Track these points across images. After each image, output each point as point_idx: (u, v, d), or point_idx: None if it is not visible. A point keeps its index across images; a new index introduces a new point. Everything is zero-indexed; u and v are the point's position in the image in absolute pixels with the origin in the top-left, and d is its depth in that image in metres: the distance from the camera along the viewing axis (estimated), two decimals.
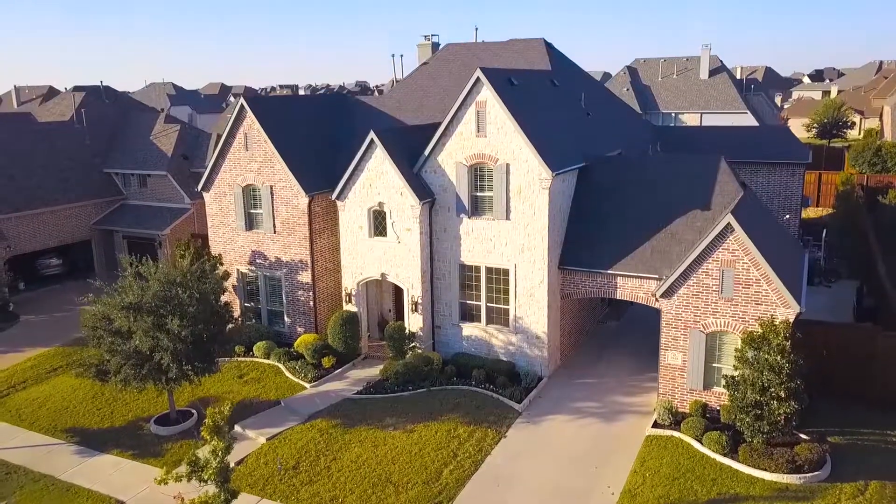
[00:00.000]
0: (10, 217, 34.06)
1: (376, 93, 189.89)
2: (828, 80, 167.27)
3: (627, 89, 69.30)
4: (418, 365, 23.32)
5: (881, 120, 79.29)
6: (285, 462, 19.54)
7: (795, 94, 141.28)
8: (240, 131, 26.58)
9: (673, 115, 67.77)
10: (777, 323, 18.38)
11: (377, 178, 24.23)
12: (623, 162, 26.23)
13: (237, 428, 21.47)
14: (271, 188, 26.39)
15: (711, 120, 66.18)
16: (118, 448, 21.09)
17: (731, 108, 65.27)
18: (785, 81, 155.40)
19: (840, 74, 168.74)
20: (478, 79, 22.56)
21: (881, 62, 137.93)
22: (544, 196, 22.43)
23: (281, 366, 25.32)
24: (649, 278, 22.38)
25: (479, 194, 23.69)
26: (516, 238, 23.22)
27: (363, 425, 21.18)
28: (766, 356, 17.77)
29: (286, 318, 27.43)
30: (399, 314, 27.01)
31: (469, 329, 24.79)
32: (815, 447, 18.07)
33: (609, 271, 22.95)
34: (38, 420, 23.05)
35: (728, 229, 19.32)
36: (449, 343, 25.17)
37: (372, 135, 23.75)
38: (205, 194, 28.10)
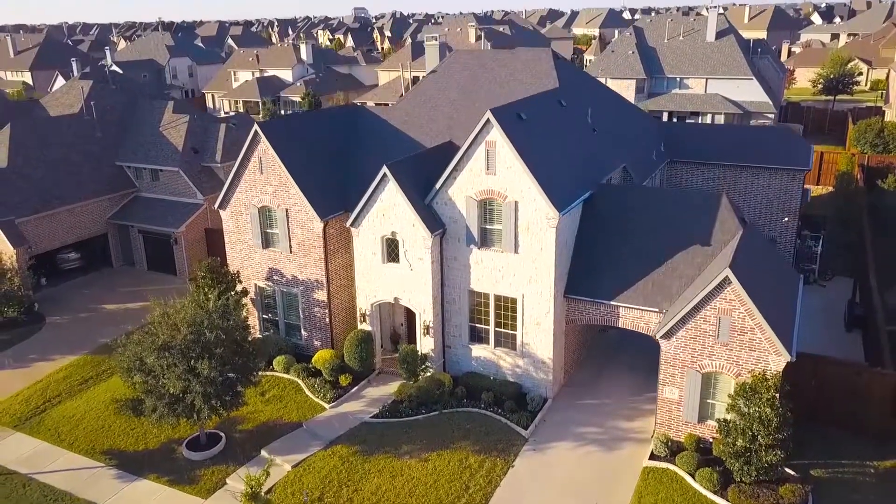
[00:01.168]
0: (28, 220, 34.97)
1: (376, 30, 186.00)
2: (838, 19, 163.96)
3: (633, 52, 68.63)
4: (430, 388, 24.80)
5: (888, 79, 78.57)
6: (311, 493, 21.24)
7: (804, 38, 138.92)
8: (254, 155, 27.26)
9: (678, 79, 67.32)
10: (768, 376, 19.71)
11: (390, 209, 25.10)
12: (627, 192, 26.97)
13: (263, 453, 23.16)
14: (287, 211, 27.27)
15: (717, 86, 65.87)
16: (154, 473, 22.77)
17: (737, 73, 64.80)
18: (794, 22, 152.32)
19: (852, 13, 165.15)
20: (488, 120, 23.15)
21: (893, 4, 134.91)
22: (551, 233, 23.39)
23: (300, 382, 26.83)
24: (650, 311, 23.61)
25: (488, 227, 24.63)
26: (524, 270, 24.30)
27: (381, 453, 22.81)
28: (757, 408, 19.17)
29: (303, 332, 28.78)
30: (411, 329, 28.31)
31: (478, 350, 26.17)
32: (798, 489, 19.67)
33: (612, 302, 24.14)
34: (77, 441, 24.68)
35: (726, 281, 20.38)
36: (459, 362, 26.61)
37: (385, 169, 24.49)
38: (221, 212, 28.98)
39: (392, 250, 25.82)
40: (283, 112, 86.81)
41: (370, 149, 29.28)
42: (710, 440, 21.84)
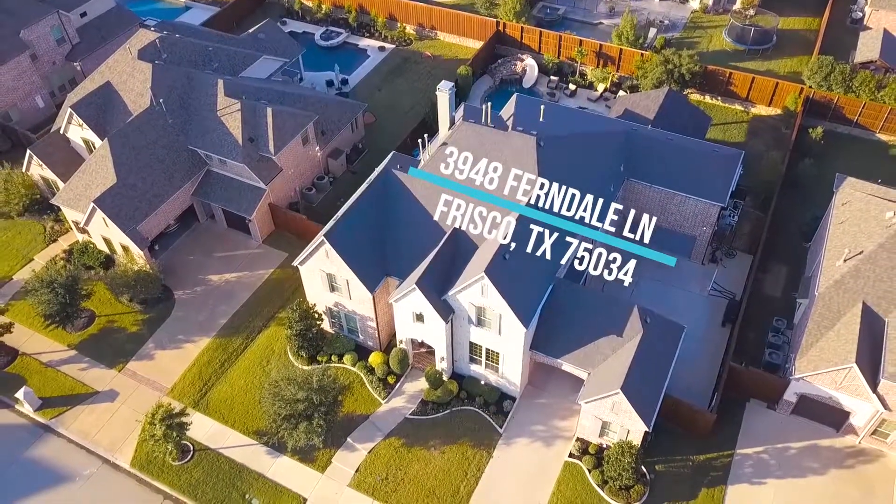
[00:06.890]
0: (143, 223, 46.90)
1: None
2: None
3: None
4: (444, 396, 40.99)
5: None
6: (382, 475, 38.82)
7: None
8: (322, 249, 39.22)
9: None
10: (633, 445, 35.85)
11: (418, 301, 38.25)
12: (574, 291, 39.64)
13: (348, 440, 40.25)
14: (347, 281, 40.23)
15: None
16: (289, 452, 40.02)
17: None
18: None
19: None
20: (483, 274, 35.29)
21: None
22: (521, 335, 37.22)
23: (363, 376, 42.70)
24: (580, 370, 38.60)
25: (482, 317, 38.16)
26: (505, 341, 38.56)
27: (418, 445, 39.81)
28: (621, 463, 35.76)
29: (360, 335, 43.78)
30: None
31: (474, 367, 41.62)
32: (640, 489, 37.10)
33: (558, 360, 38.95)
34: (236, 422, 41.51)
35: (618, 394, 35.16)
36: (462, 371, 42.24)
37: (414, 285, 37.12)
38: (301, 267, 41.68)
39: (419, 318, 39.57)
40: None
41: (402, 222, 40.75)
42: (607, 445, 38.65)
